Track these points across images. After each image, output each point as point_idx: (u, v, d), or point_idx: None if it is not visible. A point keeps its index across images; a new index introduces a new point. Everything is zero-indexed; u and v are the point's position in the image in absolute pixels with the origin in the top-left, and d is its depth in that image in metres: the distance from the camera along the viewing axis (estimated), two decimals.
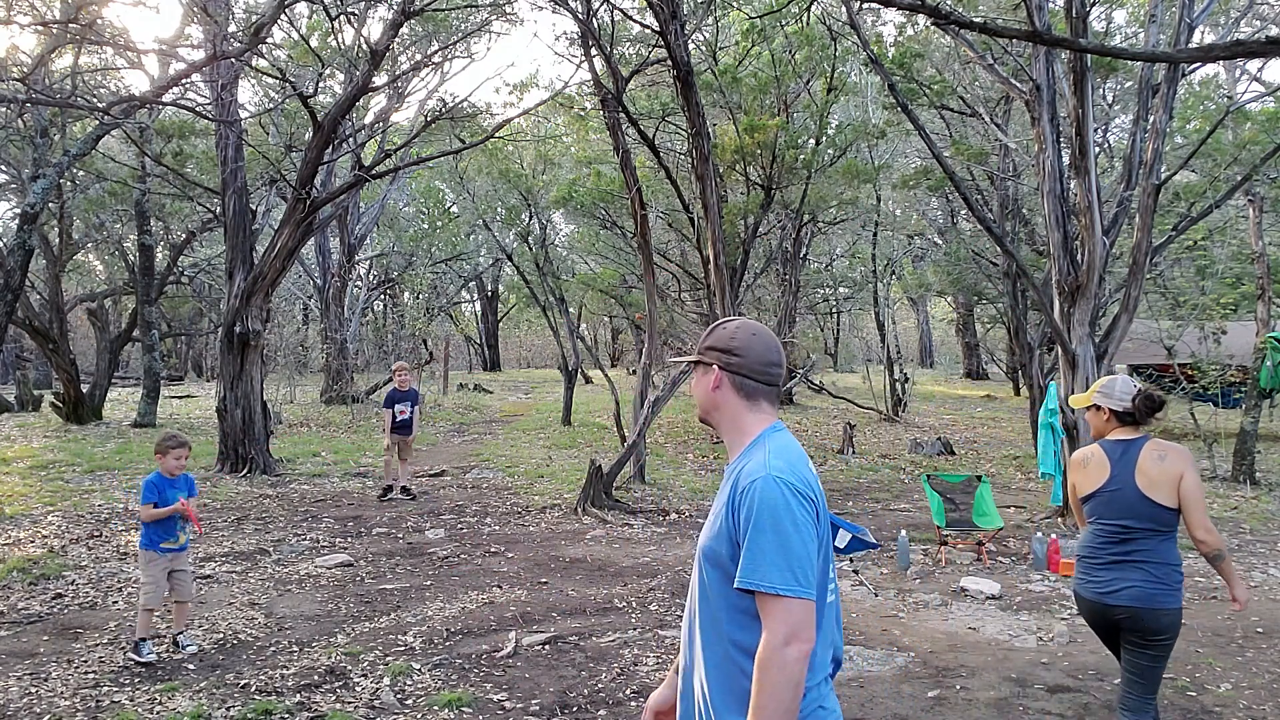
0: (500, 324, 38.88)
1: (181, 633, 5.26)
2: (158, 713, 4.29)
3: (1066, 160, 8.94)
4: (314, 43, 13.65)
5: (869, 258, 21.10)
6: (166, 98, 11.54)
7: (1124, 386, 3.41)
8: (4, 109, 13.14)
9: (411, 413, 10.26)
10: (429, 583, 6.70)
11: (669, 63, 9.77)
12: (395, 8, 11.37)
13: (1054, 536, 7.43)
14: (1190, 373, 15.56)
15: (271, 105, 16.71)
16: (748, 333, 2.01)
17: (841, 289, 24.86)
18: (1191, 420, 16.06)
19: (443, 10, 13.09)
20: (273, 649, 5.22)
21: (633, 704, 4.46)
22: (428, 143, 17.88)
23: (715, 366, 2.02)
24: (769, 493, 1.80)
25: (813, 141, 13.09)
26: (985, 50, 10.25)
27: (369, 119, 17.58)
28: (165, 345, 26.67)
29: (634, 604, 6.20)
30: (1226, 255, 18.53)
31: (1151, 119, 9.08)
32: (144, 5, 13.22)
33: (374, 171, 13.23)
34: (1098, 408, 3.45)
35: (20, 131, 14.63)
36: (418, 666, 4.92)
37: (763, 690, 1.74)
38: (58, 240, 18.73)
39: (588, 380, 28.52)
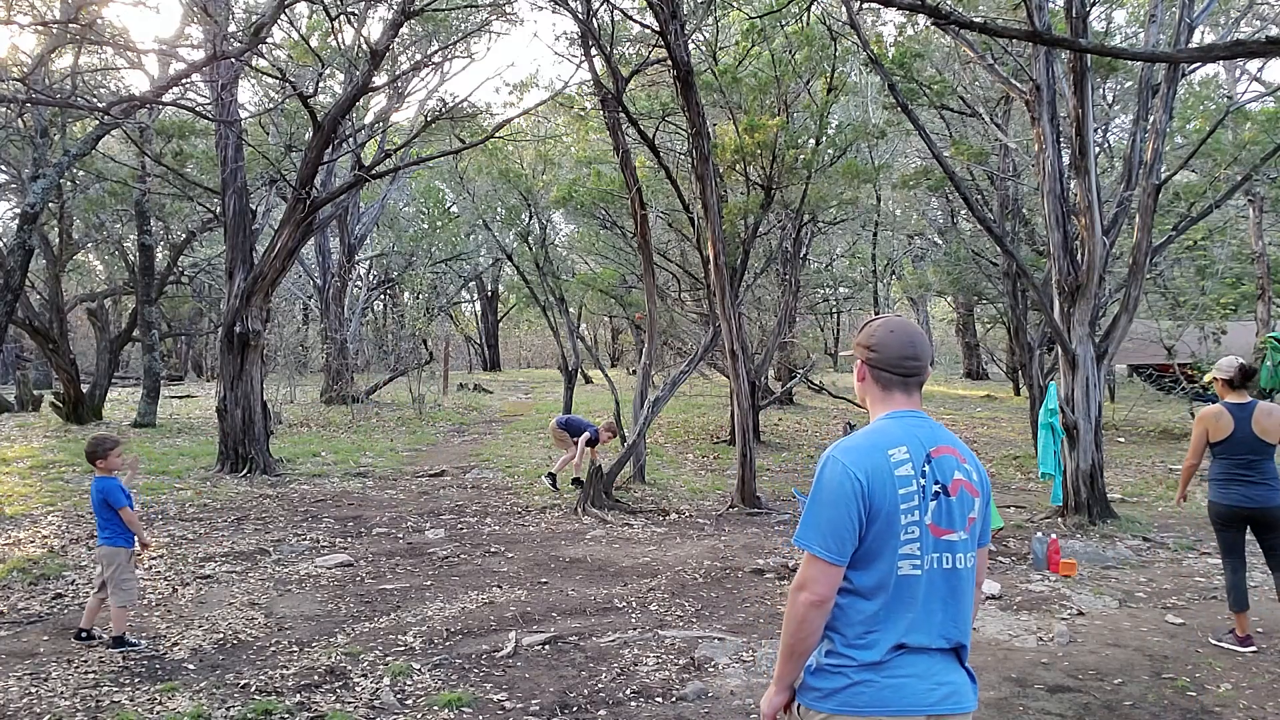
0: (500, 324, 38.87)
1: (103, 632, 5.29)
2: (158, 713, 4.29)
3: (1066, 160, 8.94)
4: (314, 43, 13.65)
5: (869, 258, 21.12)
6: (166, 98, 11.53)
7: (1228, 362, 5.19)
8: (4, 109, 13.14)
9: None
10: (429, 583, 6.70)
11: (669, 63, 9.75)
12: (395, 8, 11.37)
13: (1054, 536, 7.43)
14: (1190, 373, 15.55)
15: (271, 105, 16.70)
16: (886, 330, 2.24)
17: (841, 289, 24.84)
18: (1191, 420, 16.06)
19: (443, 10, 13.09)
20: (273, 649, 5.22)
21: (633, 704, 4.47)
22: (428, 143, 17.87)
23: (860, 360, 2.28)
24: (822, 466, 2.10)
25: (813, 141, 13.06)
26: (985, 50, 10.24)
27: (369, 119, 17.58)
28: (165, 345, 26.67)
29: (634, 604, 6.20)
30: (1226, 255, 18.52)
31: (1151, 119, 9.08)
32: (144, 5, 13.22)
33: (374, 171, 13.23)
34: (1215, 378, 5.23)
35: (20, 131, 14.63)
36: (418, 666, 4.92)
37: (784, 620, 2.11)
38: (58, 240, 18.73)
39: (588, 380, 28.53)
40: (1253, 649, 5.17)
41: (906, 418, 2.19)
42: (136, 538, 5.29)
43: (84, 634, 5.24)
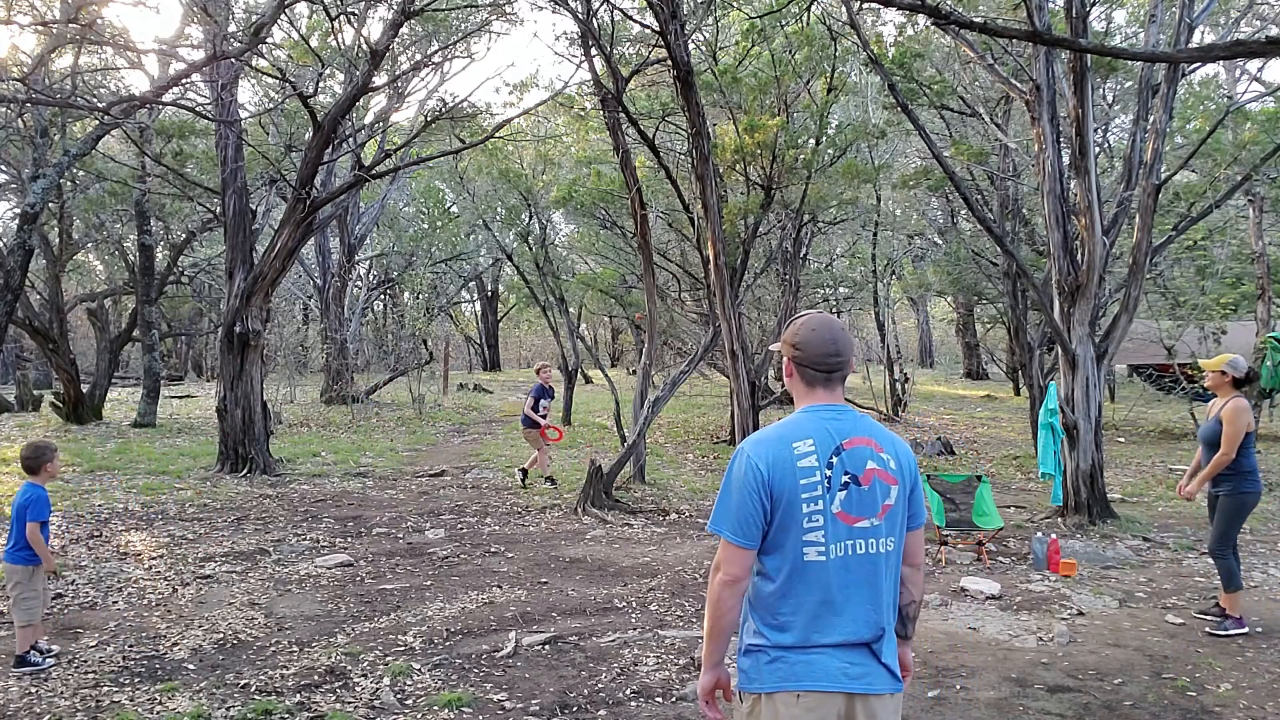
0: (500, 324, 38.86)
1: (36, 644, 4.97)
2: (158, 713, 4.29)
3: (1066, 160, 8.94)
4: (314, 43, 13.64)
5: (869, 258, 21.09)
6: (166, 98, 11.53)
7: (1242, 363, 5.52)
8: (4, 109, 13.13)
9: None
10: (429, 583, 6.70)
11: (669, 63, 9.75)
12: (395, 8, 11.37)
13: (1054, 536, 7.43)
14: (1190, 373, 15.54)
15: (271, 105, 16.71)
16: (808, 328, 2.35)
17: (841, 289, 24.82)
18: (1192, 420, 16.04)
19: (443, 10, 13.09)
20: (273, 649, 5.22)
21: (632, 704, 4.47)
22: (428, 143, 17.87)
23: (787, 358, 2.38)
24: (734, 456, 2.27)
25: (813, 141, 13.06)
26: (985, 50, 10.24)
27: (369, 119, 17.58)
28: (165, 345, 26.67)
29: (634, 604, 6.20)
30: (1226, 255, 18.52)
31: (1151, 119, 9.08)
32: (144, 5, 13.21)
33: (374, 171, 13.23)
34: (1223, 373, 5.52)
35: (20, 131, 14.63)
36: (418, 666, 4.92)
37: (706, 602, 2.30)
38: (58, 240, 18.73)
39: (588, 380, 28.54)
40: (1245, 629, 5.55)
41: (822, 411, 2.30)
42: (41, 558, 4.91)
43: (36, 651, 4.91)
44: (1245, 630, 5.53)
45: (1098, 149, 13.38)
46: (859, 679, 2.17)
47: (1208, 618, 5.76)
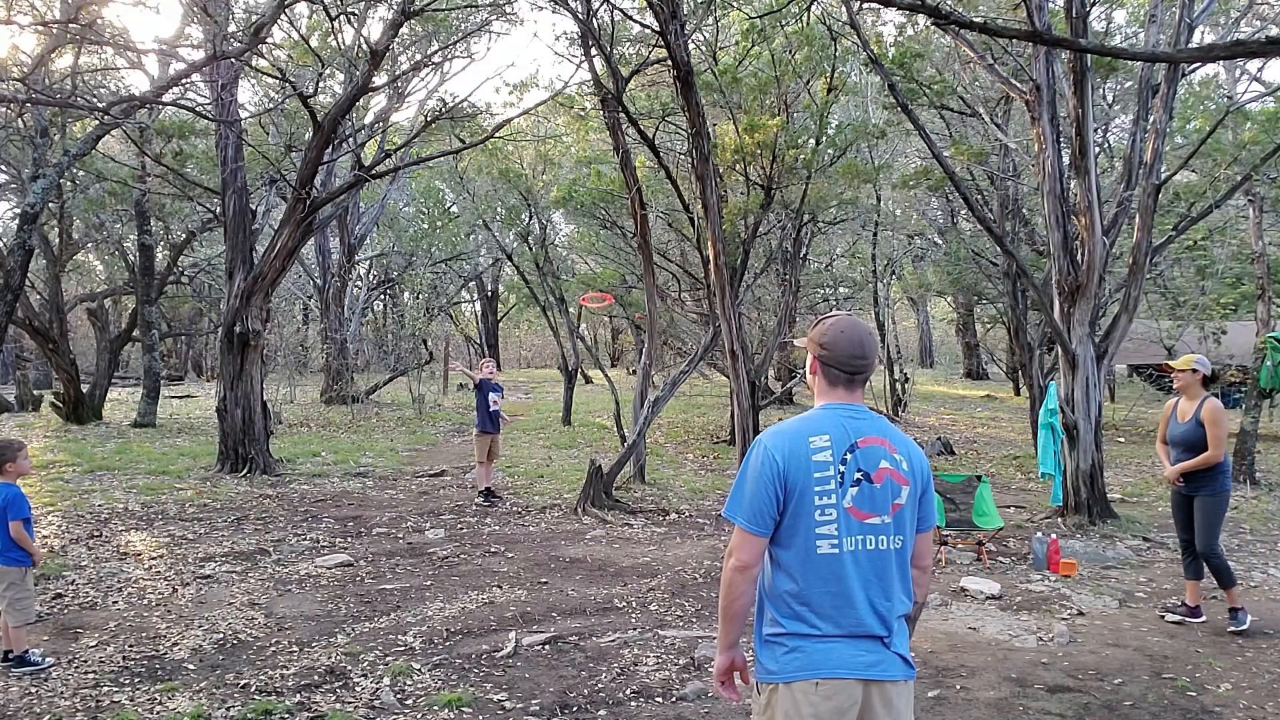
0: (500, 324, 38.84)
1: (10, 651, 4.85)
2: (158, 713, 4.29)
3: (1066, 160, 8.94)
4: (314, 43, 13.64)
5: (869, 258, 21.09)
6: (166, 98, 11.53)
7: (1207, 361, 5.69)
8: (4, 109, 13.13)
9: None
10: (429, 583, 6.70)
11: (669, 63, 9.76)
12: (395, 8, 11.36)
13: (1054, 536, 7.43)
14: None
15: (271, 105, 16.70)
16: (837, 329, 2.41)
17: (841, 289, 24.82)
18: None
19: (443, 10, 13.08)
20: (273, 649, 5.22)
21: (633, 704, 4.46)
22: (428, 143, 17.87)
23: (812, 356, 2.45)
24: (751, 446, 2.34)
25: (813, 141, 13.06)
26: (985, 50, 10.24)
27: (369, 119, 17.57)
28: (165, 345, 26.66)
29: (634, 604, 6.20)
30: (1226, 255, 18.51)
31: (1151, 119, 9.08)
32: (144, 5, 13.20)
33: (374, 171, 13.23)
34: (1194, 370, 5.59)
35: (20, 131, 14.62)
36: (418, 666, 4.92)
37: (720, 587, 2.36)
38: (58, 240, 18.73)
39: (588, 380, 28.54)
40: (1203, 618, 5.77)
41: (840, 410, 2.38)
42: (31, 554, 4.89)
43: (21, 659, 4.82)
44: (1201, 620, 5.76)
45: (1098, 149, 13.38)
46: (874, 666, 2.24)
47: (1174, 615, 5.81)
